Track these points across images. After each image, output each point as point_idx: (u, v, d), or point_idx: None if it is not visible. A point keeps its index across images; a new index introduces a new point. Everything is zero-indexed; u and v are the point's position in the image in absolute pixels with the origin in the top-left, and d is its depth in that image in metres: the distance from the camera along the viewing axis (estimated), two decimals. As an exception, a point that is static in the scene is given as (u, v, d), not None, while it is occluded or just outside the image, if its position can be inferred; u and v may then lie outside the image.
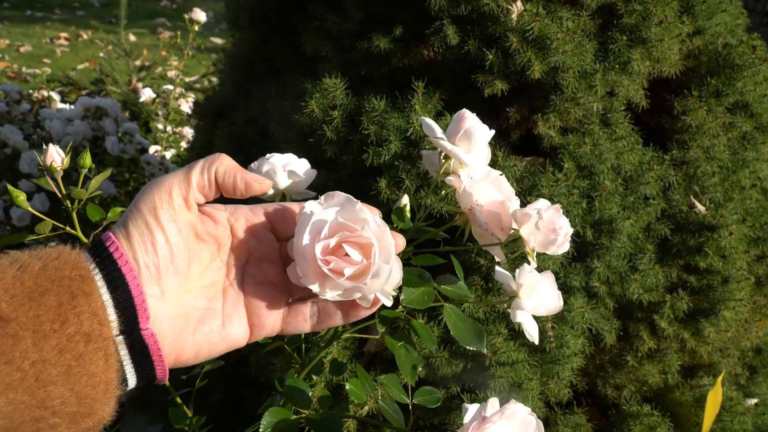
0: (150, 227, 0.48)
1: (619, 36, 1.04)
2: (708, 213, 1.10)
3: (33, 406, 0.41)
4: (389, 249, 0.52)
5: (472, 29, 1.06)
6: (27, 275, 0.43)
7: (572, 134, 1.07)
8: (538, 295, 0.62)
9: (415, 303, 0.60)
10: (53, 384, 0.42)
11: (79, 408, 0.43)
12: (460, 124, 0.63)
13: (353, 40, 1.11)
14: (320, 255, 0.50)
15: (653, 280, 1.07)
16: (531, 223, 0.59)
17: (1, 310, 0.41)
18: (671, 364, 1.15)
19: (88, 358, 0.43)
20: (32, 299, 0.42)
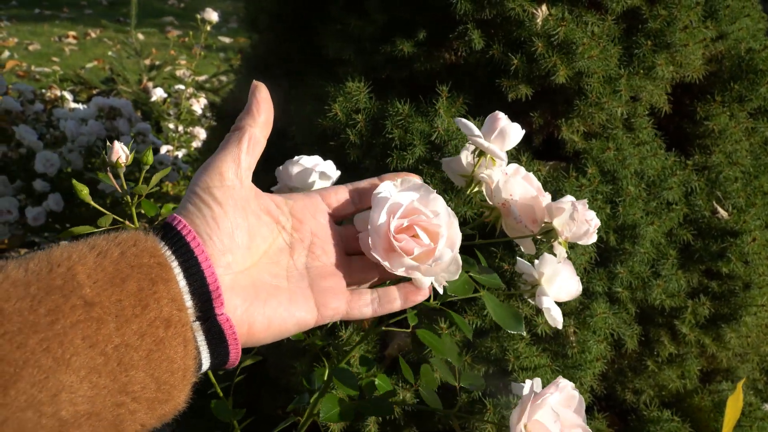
0: (208, 204, 0.50)
1: (643, 41, 1.04)
2: (730, 218, 1.10)
3: (115, 391, 0.42)
4: (454, 239, 0.56)
5: (496, 33, 1.06)
6: (108, 261, 0.43)
7: (596, 139, 1.07)
8: (559, 282, 0.67)
9: (458, 291, 0.63)
10: (135, 368, 0.42)
11: (158, 394, 0.44)
12: (495, 124, 0.66)
13: (375, 44, 1.11)
14: (393, 232, 0.54)
15: (675, 285, 1.07)
16: (565, 214, 0.63)
17: (86, 294, 0.41)
18: (691, 369, 1.15)
19: (167, 343, 0.44)
20: (114, 284, 0.43)
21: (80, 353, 0.40)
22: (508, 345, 1.02)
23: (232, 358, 0.48)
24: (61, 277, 0.42)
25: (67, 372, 0.40)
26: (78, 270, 0.42)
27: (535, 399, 0.58)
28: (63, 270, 0.42)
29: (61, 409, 0.39)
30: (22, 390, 0.38)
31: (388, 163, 1.02)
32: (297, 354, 1.11)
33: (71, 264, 0.42)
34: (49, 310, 0.40)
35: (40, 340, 0.39)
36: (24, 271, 0.41)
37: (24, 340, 0.39)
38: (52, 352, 0.39)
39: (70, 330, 0.40)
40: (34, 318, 0.39)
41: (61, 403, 0.39)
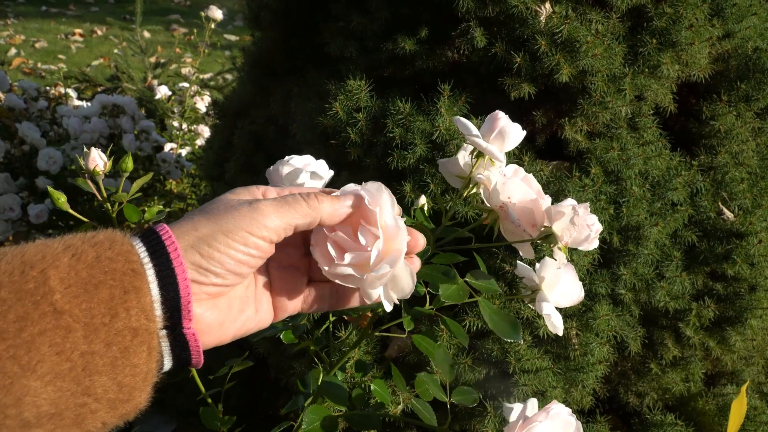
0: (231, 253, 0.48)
1: (648, 39, 1.03)
2: (736, 220, 1.08)
3: (78, 393, 0.42)
4: (397, 252, 0.51)
5: (499, 31, 1.04)
6: (81, 264, 0.43)
7: (599, 139, 1.05)
8: (560, 287, 0.64)
9: (452, 298, 0.61)
10: (98, 374, 0.43)
11: (119, 395, 0.44)
12: (494, 124, 0.64)
13: (378, 41, 1.10)
14: (331, 234, 0.50)
15: (680, 287, 1.06)
16: (565, 219, 0.61)
17: (56, 300, 0.42)
18: (695, 372, 1.14)
19: (132, 351, 0.44)
20: (87, 291, 0.43)
21: (46, 360, 0.41)
22: (510, 347, 1.00)
23: (194, 363, 0.48)
24: (34, 281, 0.42)
25: (32, 377, 0.40)
26: (50, 274, 0.42)
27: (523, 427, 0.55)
28: (36, 273, 0.42)
29: (24, 411, 0.40)
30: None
31: (388, 162, 1.01)
32: (297, 355, 1.10)
33: (44, 266, 0.42)
34: (18, 317, 0.40)
35: (8, 347, 0.40)
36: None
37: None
38: (18, 359, 0.40)
39: (37, 337, 0.41)
40: (2, 325, 0.40)
41: (24, 405, 0.40)
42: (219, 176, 1.54)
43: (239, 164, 1.40)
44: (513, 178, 0.65)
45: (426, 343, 0.69)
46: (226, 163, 1.45)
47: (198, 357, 0.48)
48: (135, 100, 2.61)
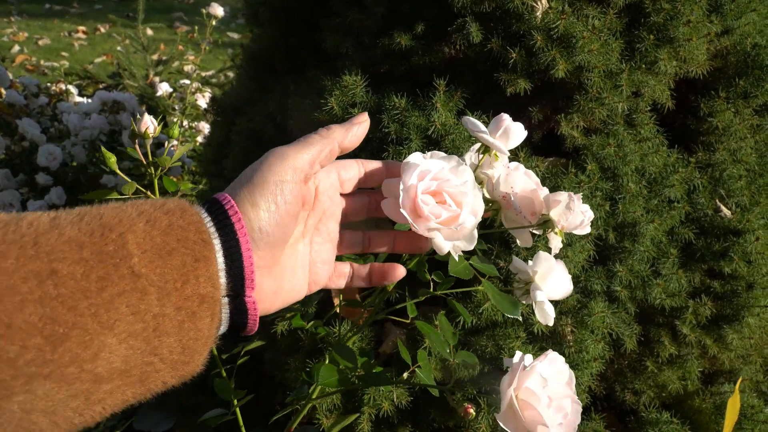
0: (275, 199, 0.51)
1: (646, 35, 1.02)
2: (734, 217, 1.08)
3: (146, 353, 0.45)
4: (478, 209, 0.59)
5: (495, 27, 1.04)
6: (156, 231, 0.46)
7: (596, 135, 1.05)
8: (553, 279, 0.69)
9: (460, 274, 0.67)
10: (167, 335, 0.46)
11: (182, 357, 0.47)
12: (500, 123, 0.70)
13: (374, 37, 1.09)
14: (421, 194, 0.57)
15: (676, 285, 1.05)
16: (561, 205, 0.66)
17: (134, 264, 0.44)
18: (692, 371, 1.13)
19: (198, 316, 0.47)
20: (161, 256, 0.46)
21: (123, 319, 0.43)
22: (504, 343, 1.00)
23: (249, 329, 0.52)
24: (113, 244, 0.44)
25: (109, 335, 0.43)
26: (128, 239, 0.45)
27: (525, 366, 0.59)
28: (115, 236, 0.45)
29: (99, 366, 0.43)
30: (68, 348, 0.41)
31: (383, 158, 1.00)
32: (291, 350, 1.10)
33: (123, 230, 0.45)
34: (100, 278, 0.43)
35: (89, 305, 0.42)
36: (77, 230, 0.44)
37: (75, 304, 0.42)
38: (98, 317, 0.43)
39: (116, 298, 0.43)
40: (85, 284, 0.42)
41: (99, 360, 0.43)
42: (217, 173, 1.54)
43: (237, 161, 1.40)
44: (515, 170, 0.70)
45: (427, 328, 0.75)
46: (225, 160, 1.45)
47: (254, 324, 0.52)
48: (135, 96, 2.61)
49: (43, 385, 0.41)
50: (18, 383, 0.40)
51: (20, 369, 0.40)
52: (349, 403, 1.08)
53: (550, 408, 0.57)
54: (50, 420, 0.42)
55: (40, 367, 0.41)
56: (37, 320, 0.41)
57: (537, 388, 0.56)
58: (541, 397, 0.56)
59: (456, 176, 0.60)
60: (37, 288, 0.41)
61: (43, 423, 0.42)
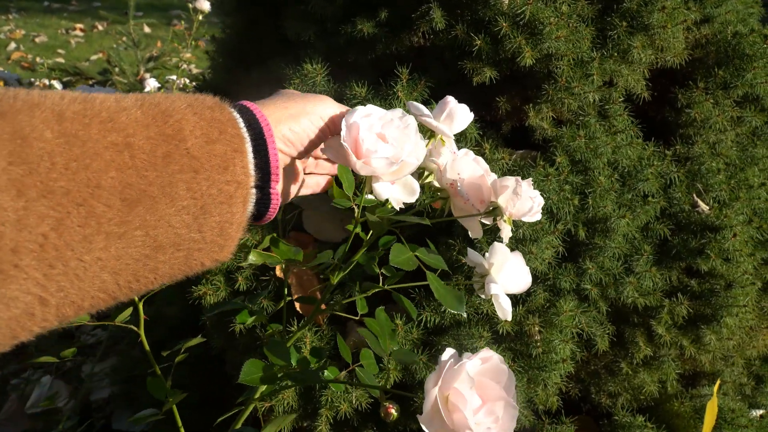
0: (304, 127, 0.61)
1: (618, 22, 0.98)
2: (711, 213, 1.03)
3: (194, 228, 0.51)
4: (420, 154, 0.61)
5: (461, 13, 0.99)
6: (203, 122, 0.52)
7: (566, 126, 1.00)
8: (508, 271, 0.68)
9: (403, 265, 0.65)
10: (210, 214, 0.52)
11: (219, 239, 0.53)
12: (443, 107, 0.69)
13: (337, 25, 1.05)
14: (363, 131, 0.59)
15: (650, 283, 1.01)
16: (509, 191, 0.64)
17: (190, 147, 0.51)
18: (669, 373, 1.09)
19: (234, 201, 0.53)
20: (208, 143, 0.52)
21: (179, 193, 0.49)
22: (468, 343, 0.96)
23: (269, 216, 0.59)
24: (171, 128, 0.50)
25: (169, 205, 0.49)
26: (183, 125, 0.51)
27: (453, 364, 0.54)
28: (173, 121, 0.51)
29: (159, 234, 0.49)
30: (138, 213, 0.47)
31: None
32: (249, 350, 1.06)
33: (178, 117, 0.51)
34: (164, 154, 0.49)
35: (156, 176, 0.48)
36: (141, 113, 0.49)
37: (145, 174, 0.47)
38: (163, 187, 0.48)
39: (176, 174, 0.49)
40: (153, 159, 0.48)
41: (160, 228, 0.48)
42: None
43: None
44: (463, 157, 0.68)
45: (377, 326, 0.73)
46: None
47: (275, 211, 0.59)
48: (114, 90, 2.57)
49: (116, 244, 0.46)
50: (99, 239, 0.45)
51: (102, 226, 0.45)
52: (308, 405, 1.04)
53: (480, 412, 0.53)
54: (115, 280, 0.47)
55: (117, 227, 0.46)
56: (117, 184, 0.46)
57: (464, 389, 0.52)
58: (469, 399, 0.51)
59: (400, 122, 0.61)
60: (117, 156, 0.46)
61: (109, 282, 0.47)
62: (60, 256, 0.43)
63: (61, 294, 0.44)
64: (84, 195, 0.44)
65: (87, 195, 0.45)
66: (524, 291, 0.70)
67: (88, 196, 0.45)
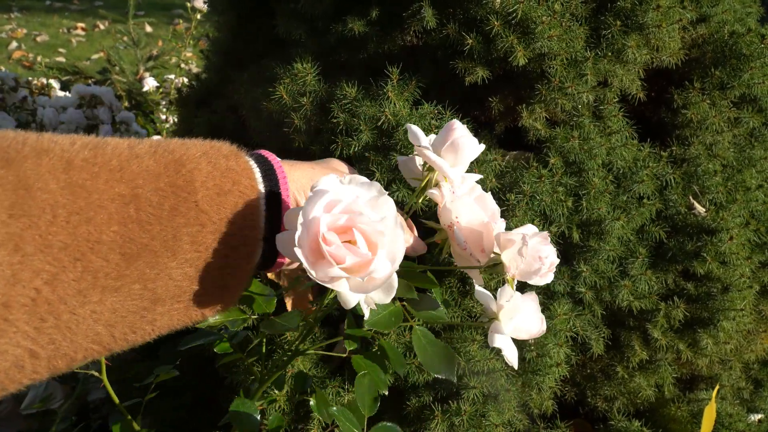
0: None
1: (612, 21, 0.96)
2: (708, 215, 1.01)
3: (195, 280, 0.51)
4: (396, 253, 0.49)
5: (453, 12, 0.98)
6: (217, 172, 0.51)
7: (560, 127, 0.99)
8: (519, 319, 0.59)
9: (380, 326, 0.56)
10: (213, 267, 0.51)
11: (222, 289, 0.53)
12: (448, 135, 0.60)
13: (327, 23, 1.04)
14: (326, 231, 0.48)
15: (645, 286, 0.99)
16: (514, 248, 0.57)
17: (199, 200, 0.50)
18: (665, 377, 1.07)
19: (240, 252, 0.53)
20: (219, 194, 0.51)
21: (183, 247, 0.48)
22: (460, 347, 0.94)
23: (274, 268, 0.59)
24: (183, 178, 0.49)
25: (171, 259, 0.48)
26: (196, 176, 0.50)
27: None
28: (185, 171, 0.49)
29: (159, 287, 0.48)
30: (137, 267, 0.46)
31: (332, 150, 0.95)
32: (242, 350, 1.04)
33: (191, 167, 0.50)
34: (172, 207, 0.48)
35: (160, 230, 0.47)
36: (154, 162, 0.48)
37: (149, 228, 0.47)
38: (166, 242, 0.47)
39: (182, 228, 0.48)
40: (159, 212, 0.47)
41: (159, 281, 0.48)
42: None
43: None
44: (463, 197, 0.60)
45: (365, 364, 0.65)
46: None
47: (281, 265, 0.58)
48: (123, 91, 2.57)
49: (112, 297, 0.45)
50: (95, 293, 0.44)
51: (99, 280, 0.44)
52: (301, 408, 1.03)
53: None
54: (110, 333, 0.46)
55: (114, 281, 0.45)
56: (119, 238, 0.45)
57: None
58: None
59: (373, 210, 0.50)
60: (122, 209, 0.46)
61: (104, 334, 0.46)
62: (52, 309, 0.42)
63: (53, 347, 0.43)
64: (83, 250, 0.43)
65: (86, 249, 0.44)
66: (536, 337, 0.62)
67: (87, 251, 0.44)
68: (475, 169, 0.94)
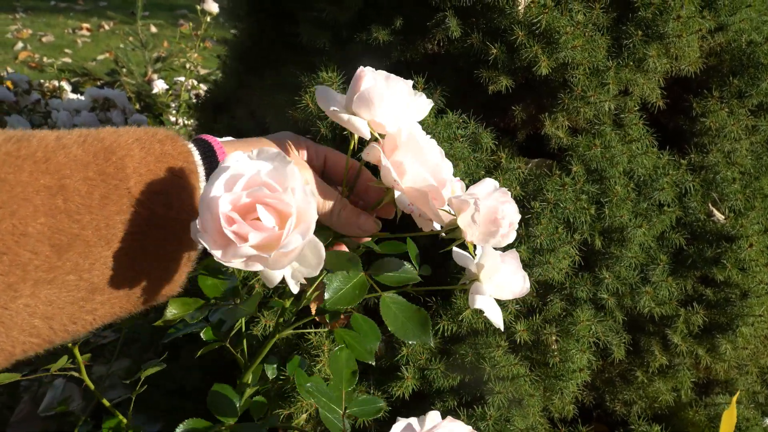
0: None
1: (634, 30, 0.97)
2: (727, 222, 1.03)
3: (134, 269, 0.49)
4: (309, 223, 0.45)
5: (476, 22, 0.99)
6: (150, 157, 0.50)
7: (582, 135, 1.00)
8: (500, 277, 0.55)
9: (343, 302, 0.51)
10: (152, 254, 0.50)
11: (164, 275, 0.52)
12: (355, 86, 0.52)
13: (352, 32, 1.05)
14: (228, 211, 0.45)
15: (666, 292, 1.01)
16: (468, 213, 0.52)
17: (131, 187, 0.48)
18: (684, 382, 1.08)
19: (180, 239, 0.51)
20: (153, 181, 0.49)
21: (118, 235, 0.48)
22: (485, 352, 0.96)
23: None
24: (113, 166, 0.48)
25: (106, 248, 0.47)
26: (127, 162, 0.48)
27: None
28: (115, 159, 0.48)
29: (95, 276, 0.47)
30: (70, 257, 0.45)
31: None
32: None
33: (122, 154, 0.49)
34: (102, 196, 0.47)
35: (91, 220, 0.46)
36: (82, 151, 0.47)
37: (79, 218, 0.46)
38: (99, 230, 0.47)
39: (115, 216, 0.47)
40: (89, 201, 0.46)
41: (95, 271, 0.47)
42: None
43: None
44: (405, 148, 0.52)
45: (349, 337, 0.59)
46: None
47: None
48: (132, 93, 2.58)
49: (46, 289, 0.45)
50: (26, 286, 0.44)
51: (29, 273, 0.44)
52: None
53: None
54: (48, 325, 0.46)
55: (46, 273, 0.44)
56: (47, 230, 0.44)
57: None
58: None
59: (277, 182, 0.46)
60: (48, 200, 0.45)
61: (42, 327, 0.46)
62: None
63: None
64: (8, 243, 0.43)
65: (11, 243, 0.43)
66: (520, 296, 0.58)
67: (12, 244, 0.43)
68: (500, 178, 0.95)
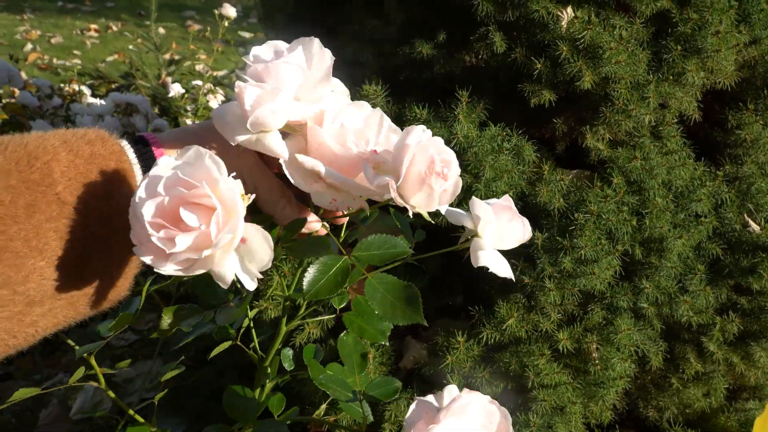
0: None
1: (673, 45, 0.99)
2: (762, 232, 1.05)
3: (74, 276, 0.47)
4: (239, 216, 0.44)
5: (519, 36, 1.01)
6: (79, 160, 0.47)
7: (622, 147, 1.02)
8: (498, 227, 0.53)
9: (324, 292, 0.48)
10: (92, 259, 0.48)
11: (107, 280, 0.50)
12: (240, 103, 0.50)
13: (394, 46, 1.07)
14: (152, 218, 0.44)
15: (703, 301, 1.03)
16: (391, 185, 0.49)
17: (60, 192, 0.46)
18: (717, 388, 1.11)
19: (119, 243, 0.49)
20: (84, 185, 0.47)
21: (51, 243, 0.45)
22: (528, 361, 0.98)
23: None
24: (39, 172, 0.46)
25: (39, 258, 0.45)
26: (54, 167, 0.46)
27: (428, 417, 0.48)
28: (40, 165, 0.46)
29: (30, 289, 0.45)
30: (0, 271, 0.43)
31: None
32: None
33: (48, 159, 0.46)
34: (28, 204, 0.45)
35: (19, 230, 0.44)
36: (3, 158, 0.45)
37: (4, 229, 0.43)
38: (28, 241, 0.44)
39: (45, 224, 0.45)
40: (14, 210, 0.44)
41: (30, 283, 0.45)
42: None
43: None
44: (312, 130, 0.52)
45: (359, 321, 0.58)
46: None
47: None
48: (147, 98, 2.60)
49: None
50: None
51: None
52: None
53: None
54: None
55: None
56: None
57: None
58: None
59: (196, 177, 0.44)
60: None
61: None
62: None
63: None
64: None
65: None
66: (524, 241, 0.55)
67: None
68: (543, 190, 0.98)
